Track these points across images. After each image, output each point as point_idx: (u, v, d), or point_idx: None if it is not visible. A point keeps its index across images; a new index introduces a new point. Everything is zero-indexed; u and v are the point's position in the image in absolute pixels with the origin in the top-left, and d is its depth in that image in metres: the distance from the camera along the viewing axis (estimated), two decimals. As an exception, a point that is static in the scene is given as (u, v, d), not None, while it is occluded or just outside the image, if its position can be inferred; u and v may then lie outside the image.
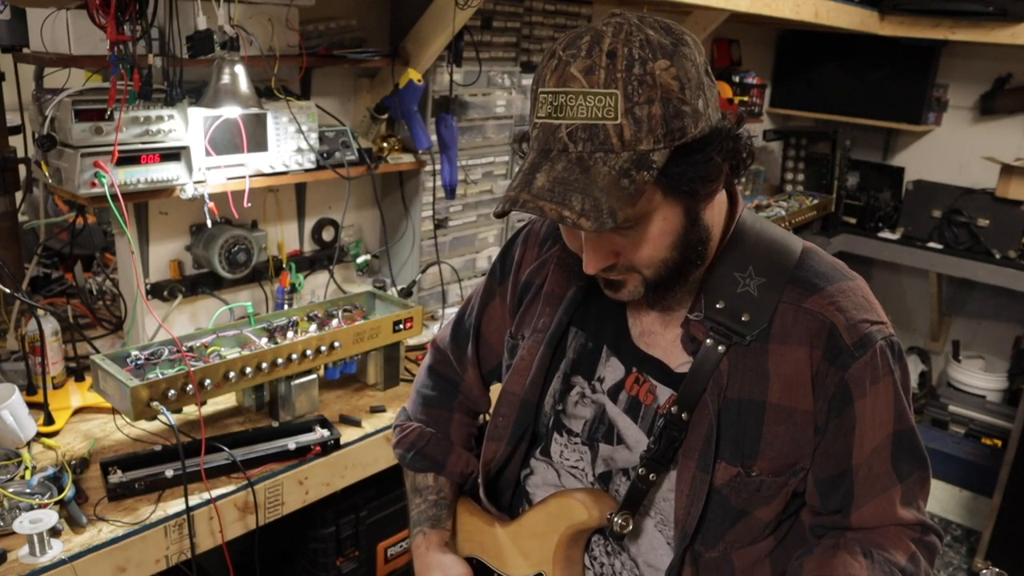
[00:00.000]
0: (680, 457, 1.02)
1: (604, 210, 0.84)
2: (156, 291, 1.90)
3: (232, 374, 1.60)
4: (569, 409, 1.13)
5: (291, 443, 1.61)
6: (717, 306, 1.01)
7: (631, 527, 1.04)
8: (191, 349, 1.65)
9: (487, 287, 1.29)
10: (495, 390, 1.28)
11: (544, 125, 0.88)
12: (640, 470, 1.03)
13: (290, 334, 1.76)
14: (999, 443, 3.70)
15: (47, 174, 1.65)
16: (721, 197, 1.03)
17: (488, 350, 1.30)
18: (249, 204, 1.86)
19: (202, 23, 1.64)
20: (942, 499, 3.68)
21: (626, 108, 0.84)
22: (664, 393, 1.05)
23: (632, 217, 0.89)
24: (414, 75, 2.10)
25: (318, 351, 1.73)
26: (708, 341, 1.01)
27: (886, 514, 1.02)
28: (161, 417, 1.52)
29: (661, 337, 1.07)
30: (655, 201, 0.91)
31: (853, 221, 4.09)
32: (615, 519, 1.04)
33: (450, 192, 2.29)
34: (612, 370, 1.10)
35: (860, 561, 0.99)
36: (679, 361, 1.05)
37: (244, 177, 1.84)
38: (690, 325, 1.03)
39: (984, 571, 0.83)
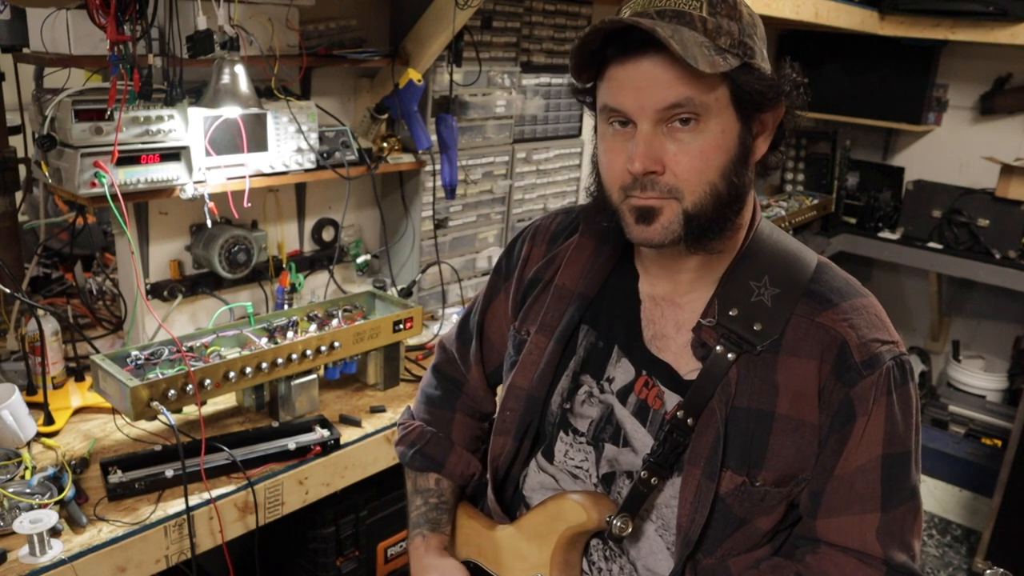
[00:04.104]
0: (685, 464, 1.01)
1: (690, 51, 0.88)
2: (156, 291, 1.90)
3: (232, 374, 1.60)
4: (576, 408, 1.12)
5: (291, 443, 1.61)
6: (730, 313, 1.00)
7: (630, 530, 1.04)
8: (191, 349, 1.65)
9: (491, 284, 1.28)
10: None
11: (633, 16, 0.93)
12: (642, 473, 1.03)
13: (290, 334, 1.76)
14: (999, 443, 3.70)
15: (47, 174, 1.65)
16: (751, 202, 1.05)
17: (491, 349, 1.29)
18: (249, 204, 1.85)
19: (202, 23, 1.64)
20: (942, 499, 3.68)
21: (710, 11, 0.92)
22: (672, 399, 1.05)
23: (702, 101, 0.91)
24: (414, 75, 2.10)
25: (318, 351, 1.73)
26: (718, 348, 1.00)
27: (853, 537, 1.00)
28: (161, 417, 1.52)
29: (672, 342, 1.06)
30: (721, 100, 0.93)
31: (853, 221, 4.09)
32: (614, 521, 1.04)
33: (450, 192, 2.29)
34: (622, 371, 1.09)
35: None
36: (688, 368, 1.04)
37: (244, 177, 1.84)
38: (701, 330, 1.02)
39: (988, 572, 0.82)
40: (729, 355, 0.99)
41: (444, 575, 1.17)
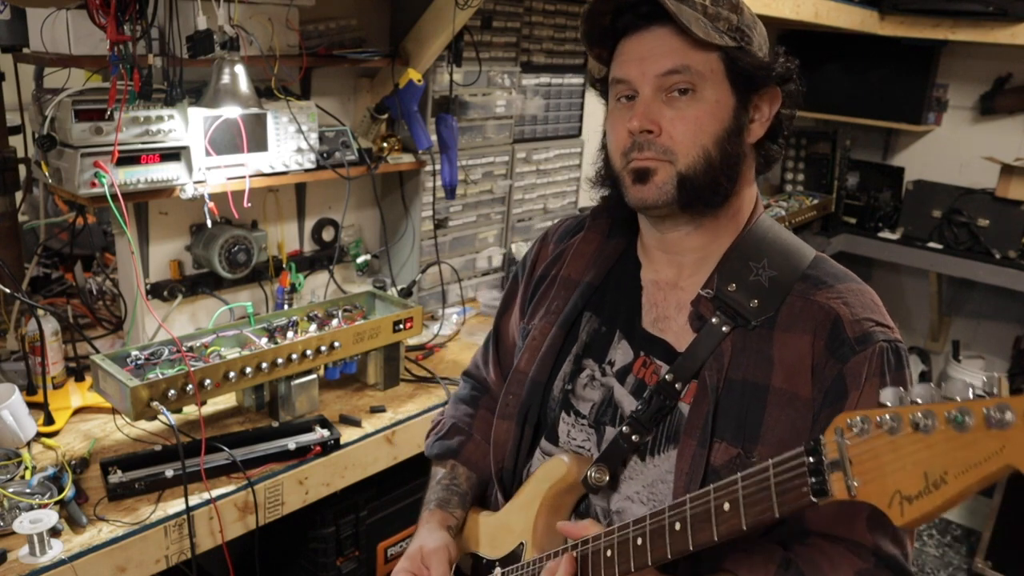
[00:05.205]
0: (682, 436, 1.03)
1: (685, 15, 0.96)
2: (156, 291, 1.90)
3: (232, 374, 1.60)
4: (578, 391, 1.15)
5: (291, 443, 1.61)
6: (729, 288, 1.04)
7: (607, 479, 1.07)
8: (191, 349, 1.65)
9: (509, 290, 1.34)
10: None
11: None
12: (623, 428, 1.06)
13: (290, 334, 1.76)
14: (999, 443, 3.69)
15: (47, 174, 1.65)
16: (752, 192, 1.10)
17: (506, 352, 1.34)
18: (249, 204, 1.85)
19: (202, 23, 1.64)
20: (942, 499, 3.68)
21: (712, 1, 1.01)
22: None
23: (698, 70, 0.99)
24: (414, 75, 2.10)
25: (318, 351, 1.73)
26: (714, 320, 1.04)
27: (842, 526, 0.98)
28: (161, 417, 1.52)
29: (674, 322, 1.10)
30: (716, 73, 1.00)
31: (853, 221, 4.08)
32: (590, 472, 1.07)
33: (450, 192, 2.29)
34: (622, 353, 1.12)
35: (769, 569, 0.97)
36: (687, 344, 1.07)
37: (244, 177, 1.84)
38: (700, 302, 1.05)
39: None
40: (724, 327, 1.03)
41: (423, 543, 1.18)
